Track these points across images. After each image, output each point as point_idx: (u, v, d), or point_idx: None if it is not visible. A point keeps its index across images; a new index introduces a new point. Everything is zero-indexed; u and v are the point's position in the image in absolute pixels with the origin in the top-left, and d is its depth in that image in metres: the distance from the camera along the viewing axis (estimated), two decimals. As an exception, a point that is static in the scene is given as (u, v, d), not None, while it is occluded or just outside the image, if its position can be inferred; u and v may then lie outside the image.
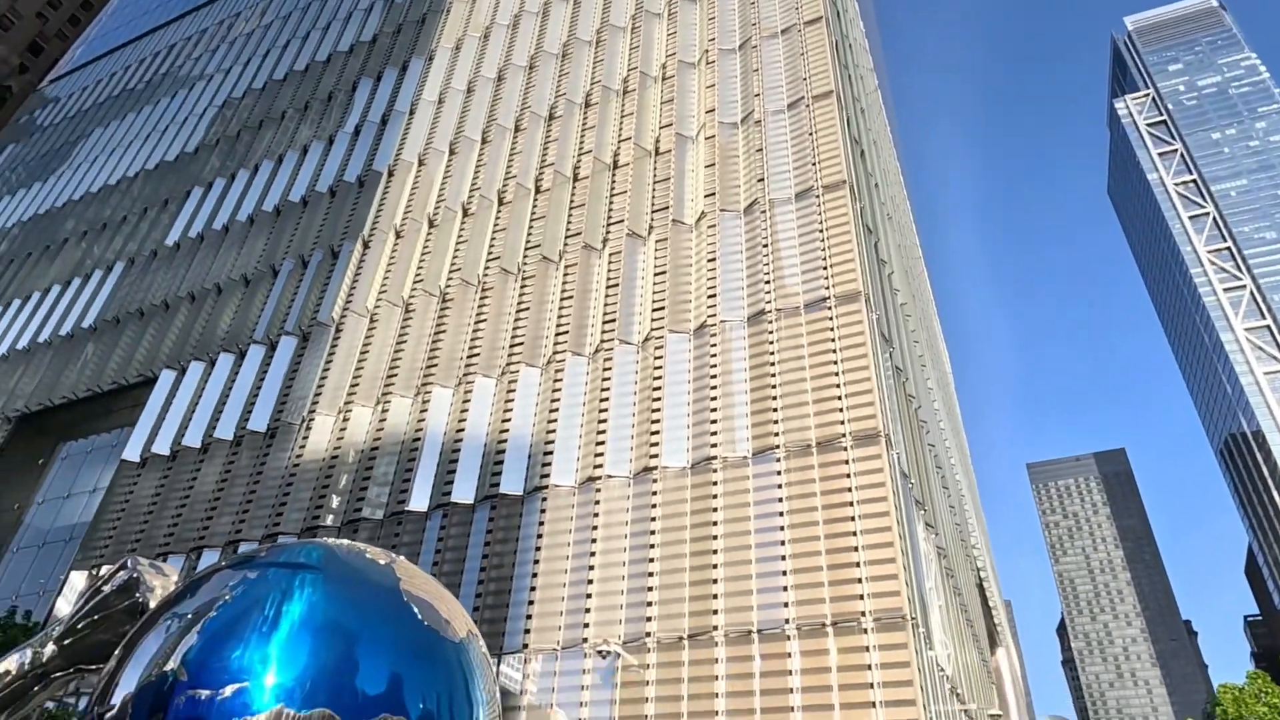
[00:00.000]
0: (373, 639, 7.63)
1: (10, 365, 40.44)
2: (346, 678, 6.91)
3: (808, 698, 17.15)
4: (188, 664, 6.85)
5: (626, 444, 22.87)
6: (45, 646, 8.62)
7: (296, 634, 7.18)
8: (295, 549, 7.99)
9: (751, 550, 19.53)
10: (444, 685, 7.27)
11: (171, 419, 31.75)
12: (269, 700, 6.65)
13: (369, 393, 28.35)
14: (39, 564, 32.49)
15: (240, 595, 7.60)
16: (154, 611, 7.86)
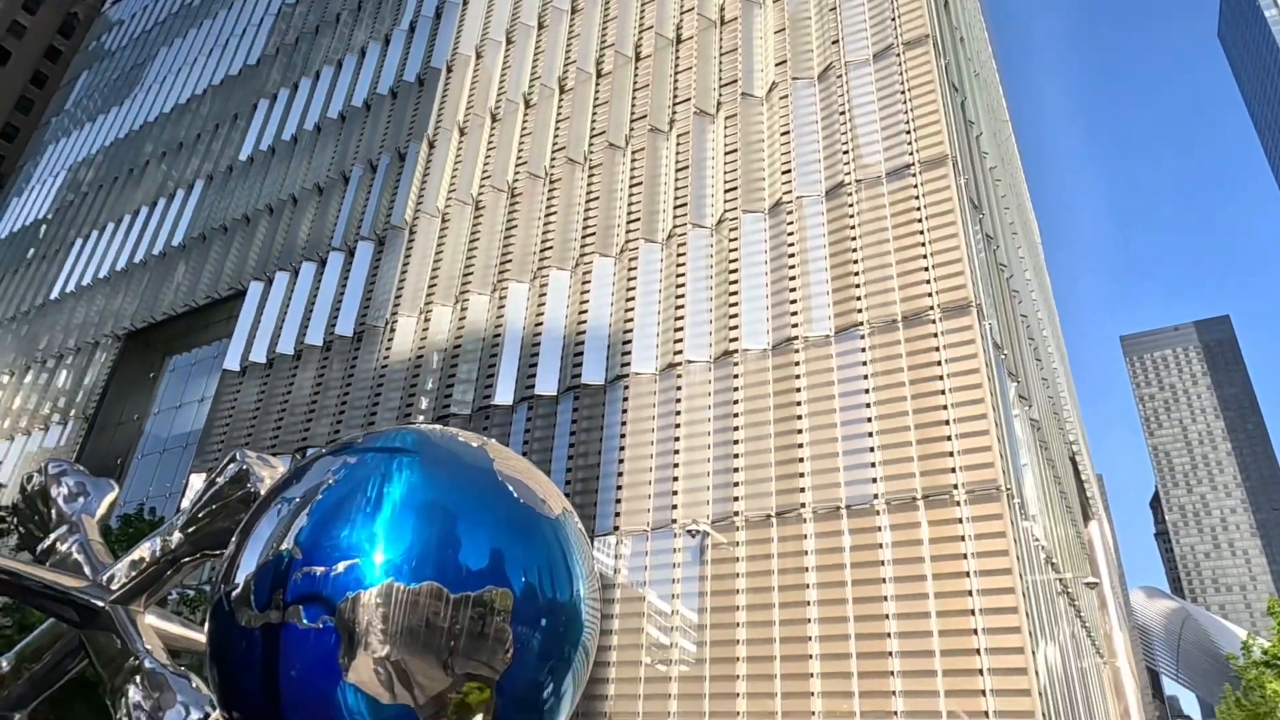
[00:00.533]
0: (472, 516, 7.52)
1: (112, 287, 42.50)
2: (450, 553, 6.83)
3: (899, 570, 17.18)
4: (301, 544, 6.86)
5: (705, 329, 22.60)
6: (172, 535, 8.93)
7: (399, 513, 7.10)
8: (391, 434, 7.90)
9: (837, 428, 19.29)
10: (543, 559, 7.11)
11: (264, 329, 33.00)
12: (379, 575, 6.60)
13: (447, 292, 28.69)
14: (161, 469, 34.98)
15: (343, 479, 7.54)
16: (264, 498, 7.92)
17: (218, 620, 8.02)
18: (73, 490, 11.35)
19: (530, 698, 7.87)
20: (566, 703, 8.16)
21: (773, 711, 17.19)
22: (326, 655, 7.18)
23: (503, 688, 7.60)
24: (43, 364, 42.02)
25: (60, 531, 10.76)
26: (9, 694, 9.97)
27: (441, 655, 7.32)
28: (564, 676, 8.04)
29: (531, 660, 7.71)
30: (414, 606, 7.30)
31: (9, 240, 54.02)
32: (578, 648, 8.22)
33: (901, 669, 16.30)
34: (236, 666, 7.70)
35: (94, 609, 9.64)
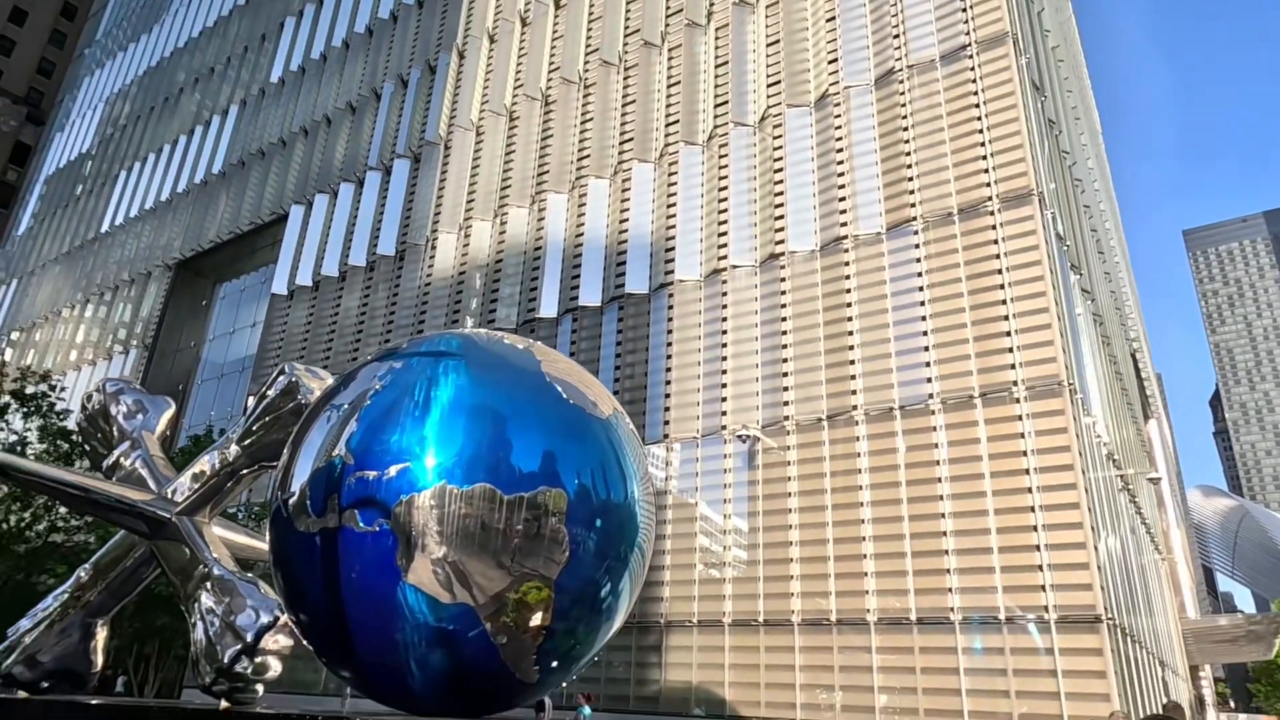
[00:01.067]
0: (522, 418, 7.33)
1: (159, 218, 42.97)
2: (501, 455, 6.66)
3: (955, 469, 16.88)
4: (352, 449, 6.75)
5: (750, 232, 21.92)
6: (229, 448, 8.95)
7: (448, 416, 6.93)
8: (436, 339, 7.71)
9: (889, 328, 18.73)
10: (595, 459, 6.88)
11: (308, 251, 33.13)
12: (432, 478, 6.47)
13: (486, 207, 28.28)
14: (221, 392, 36.00)
15: (390, 384, 7.40)
16: (314, 407, 7.83)
17: (277, 527, 8.01)
18: (131, 408, 11.49)
19: (588, 597, 7.76)
20: (624, 602, 8.04)
21: (826, 611, 17.33)
22: (384, 557, 7.14)
23: (561, 586, 7.51)
24: (100, 296, 43.09)
25: (123, 448, 10.95)
26: (91, 602, 10.34)
27: (498, 556, 7.21)
28: (621, 576, 7.88)
29: (588, 560, 7.56)
30: (468, 508, 7.17)
31: (57, 176, 54.77)
32: (634, 548, 8.02)
33: (958, 567, 16.19)
34: (299, 570, 7.70)
35: (161, 521, 9.85)
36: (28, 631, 9.98)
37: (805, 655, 17.29)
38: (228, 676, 8.83)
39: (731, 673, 18.03)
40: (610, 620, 8.40)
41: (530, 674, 7.96)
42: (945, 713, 15.44)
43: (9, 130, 73.39)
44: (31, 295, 48.42)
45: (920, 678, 15.91)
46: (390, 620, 7.44)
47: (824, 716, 16.61)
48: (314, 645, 8.38)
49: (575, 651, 8.12)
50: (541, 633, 7.81)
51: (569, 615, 7.98)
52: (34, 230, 52.81)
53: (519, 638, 7.64)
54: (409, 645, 7.46)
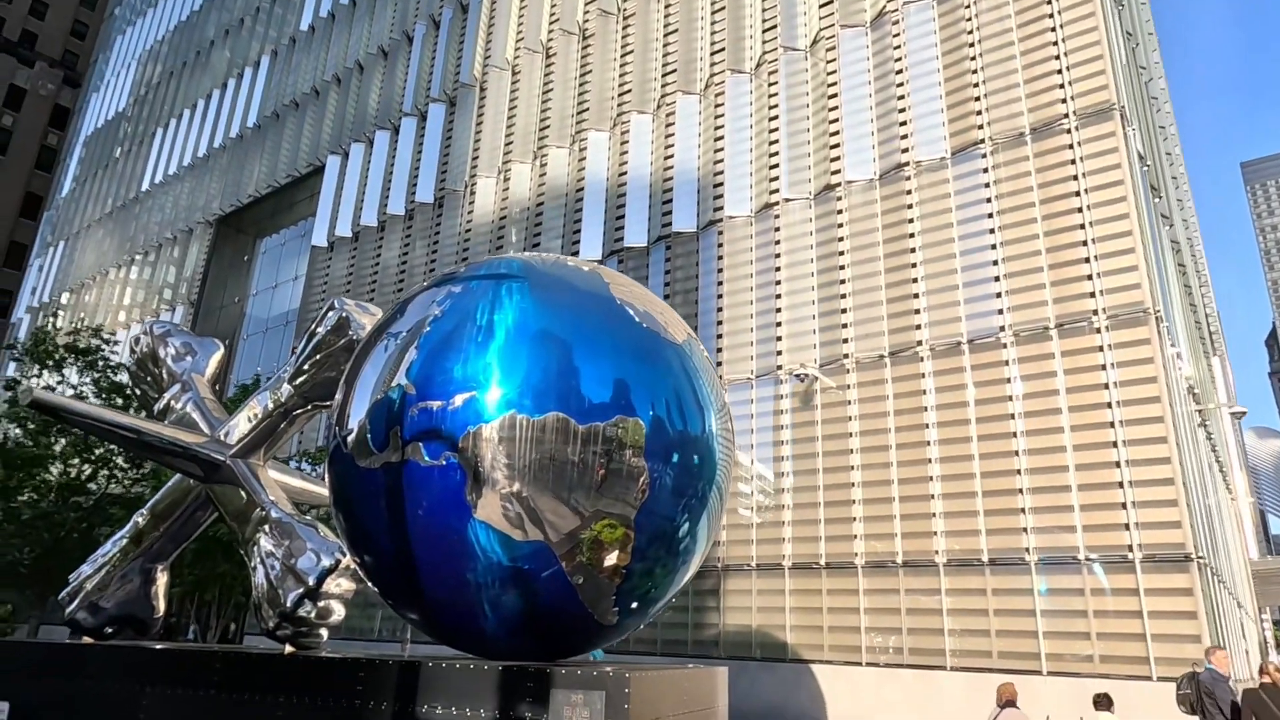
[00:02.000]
0: (592, 343, 6.27)
1: (197, 174, 42.88)
2: (572, 382, 5.62)
3: (1030, 405, 16.01)
4: (413, 379, 5.79)
5: (804, 162, 20.85)
6: (281, 388, 8.23)
7: (513, 342, 5.88)
8: (495, 261, 6.74)
9: (956, 259, 17.72)
10: (670, 388, 5.85)
11: (346, 202, 32.73)
12: (499, 407, 5.50)
13: (524, 148, 27.46)
14: (266, 347, 36.13)
15: (449, 310, 6.39)
16: (368, 338, 6.97)
17: (337, 466, 7.39)
18: (179, 350, 11.08)
19: (665, 536, 7.04)
20: (701, 544, 7.30)
21: (893, 552, 16.75)
22: (453, 492, 6.48)
23: (638, 525, 6.81)
24: (145, 255, 43.36)
25: (173, 391, 10.57)
26: (150, 547, 10.08)
27: (572, 491, 6.52)
28: (699, 516, 7.14)
29: (665, 497, 6.83)
30: (539, 440, 6.46)
31: (95, 138, 54.97)
32: (712, 485, 7.26)
33: (1033, 506, 15.44)
34: (361, 509, 7.11)
35: (215, 463, 9.44)
36: (89, 577, 9.81)
37: (870, 598, 16.79)
38: (291, 621, 8.53)
39: (793, 616, 17.63)
40: (687, 563, 7.86)
41: (609, 616, 7.48)
42: (1021, 655, 14.87)
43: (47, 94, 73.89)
44: (78, 257, 49.01)
45: (994, 620, 15.31)
46: (460, 559, 6.98)
47: (892, 660, 16.15)
48: (379, 587, 7.99)
49: (653, 594, 7.61)
50: (619, 573, 7.31)
51: (646, 555, 7.45)
52: (76, 192, 53.27)
53: (596, 578, 7.14)
54: (481, 586, 7.01)
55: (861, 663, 16.49)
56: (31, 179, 69.31)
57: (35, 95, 72.78)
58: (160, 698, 7.44)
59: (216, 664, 7.43)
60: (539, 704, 6.24)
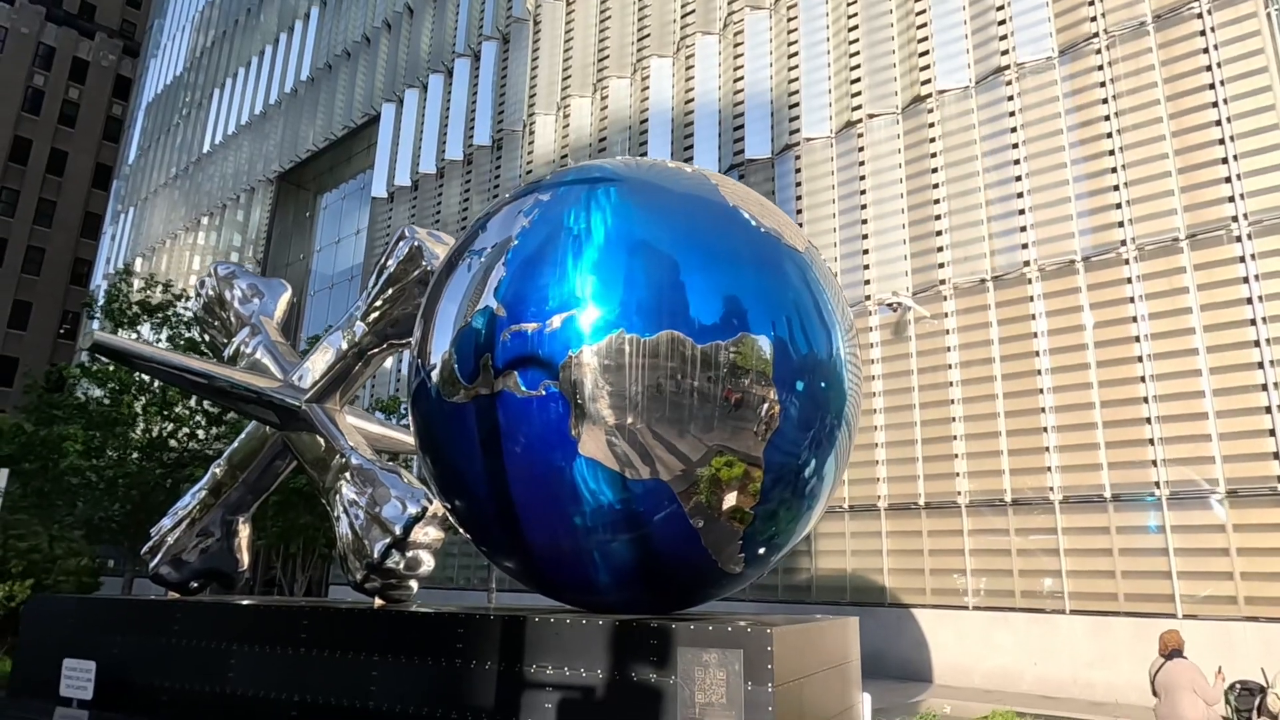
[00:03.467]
0: (705, 250, 4.78)
1: (254, 132, 42.77)
2: (686, 296, 5.69)
3: (1157, 325, 14.47)
4: (503, 300, 4.48)
5: (888, 74, 19.18)
6: (354, 327, 7.01)
7: (616, 252, 4.50)
8: (585, 166, 5.26)
9: (1066, 169, 16.04)
10: (793, 303, 4.42)
11: (403, 150, 32.08)
12: (603, 328, 4.23)
13: (583, 82, 26.22)
14: (333, 303, 36.11)
15: (539, 220, 4.95)
16: (448, 259, 5.56)
17: (422, 404, 6.34)
18: (246, 292, 10.39)
19: (789, 475, 5.76)
20: (828, 485, 6.01)
21: (1000, 490, 15.57)
22: (554, 426, 5.39)
23: (765, 461, 5.71)
24: (210, 217, 43.74)
25: (242, 335, 9.88)
26: (229, 498, 9.58)
27: (690, 422, 5.36)
28: (827, 454, 5.83)
29: (791, 431, 5.57)
30: (652, 364, 5.33)
31: (156, 104, 55.44)
32: (841, 420, 5.94)
33: (1163, 436, 14.03)
34: (451, 450, 6.05)
35: (291, 409, 8.76)
36: (169, 531, 9.43)
37: (975, 539, 15.71)
38: (379, 573, 7.95)
39: (890, 559, 16.68)
40: (813, 506, 6.91)
41: (734, 562, 6.64)
42: (1150, 596, 13.67)
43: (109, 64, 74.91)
44: (147, 222, 49.86)
45: (1118, 560, 14.10)
46: (564, 501, 6.17)
47: (1001, 603, 15.12)
48: (472, 534, 7.27)
49: (777, 540, 6.72)
50: (743, 516, 6.45)
51: (770, 496, 6.50)
52: (141, 160, 54.01)
53: (718, 521, 6.27)
54: (587, 530, 6.21)
55: (968, 606, 15.51)
56: (100, 149, 70.74)
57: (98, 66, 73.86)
58: (249, 655, 6.97)
59: (304, 620, 6.90)
60: (663, 664, 5.45)
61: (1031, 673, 14.52)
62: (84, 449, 16.64)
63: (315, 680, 6.86)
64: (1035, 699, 13.86)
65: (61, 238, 66.89)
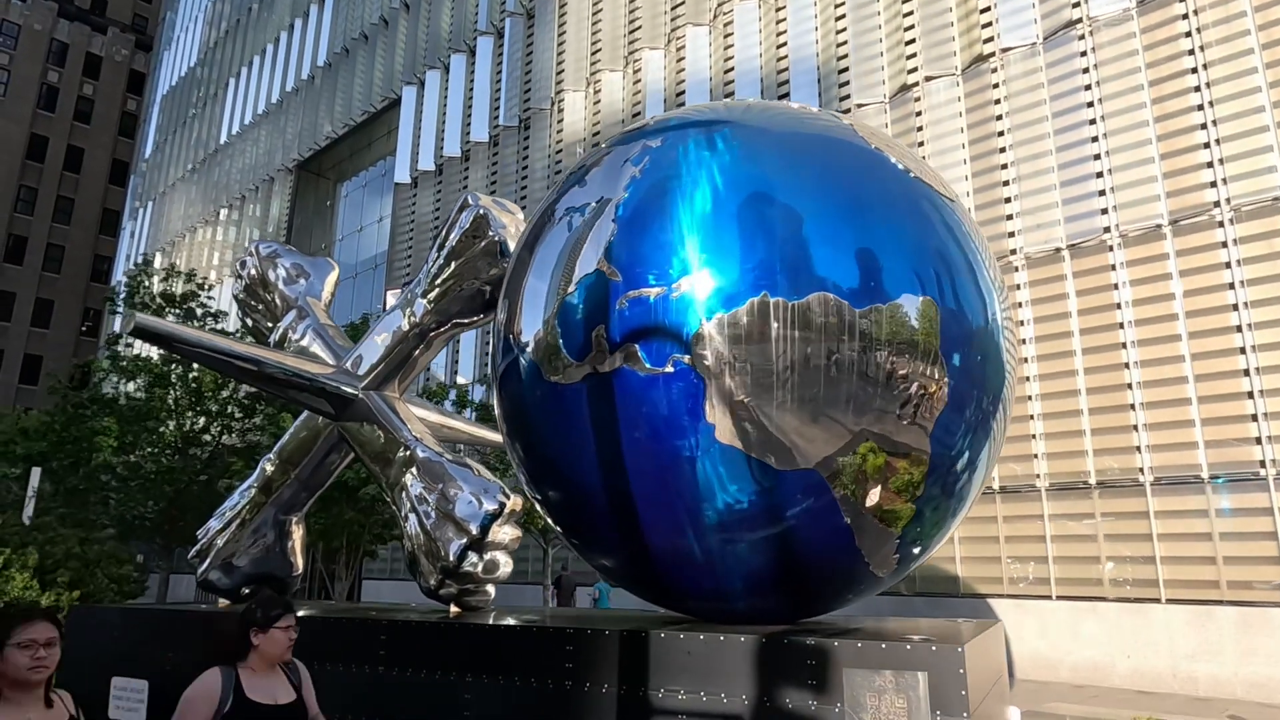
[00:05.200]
0: (852, 198, 5.26)
1: (271, 121, 42.08)
2: (834, 251, 4.57)
3: (1258, 291, 13.41)
4: (616, 262, 4.81)
5: (946, 33, 18.09)
6: (414, 305, 5.83)
7: (748, 201, 4.82)
8: (693, 109, 4.22)
9: (1149, 126, 14.95)
10: (950, 262, 4.82)
11: (426, 134, 31.25)
12: (741, 289, 4.52)
13: (614, 55, 25.23)
14: (357, 292, 35.45)
15: (652, 169, 5.21)
16: (537, 219, 4.56)
17: (512, 386, 5.31)
18: (291, 272, 9.43)
19: (943, 465, 4.78)
20: (980, 476, 4.96)
21: (1083, 472, 14.59)
22: (683, 406, 4.40)
23: (924, 452, 4.60)
24: (229, 209, 43.16)
25: (289, 319, 8.91)
26: (280, 496, 8.73)
27: (845, 401, 4.38)
28: (983, 442, 4.83)
29: (950, 415, 4.54)
30: (803, 332, 4.36)
31: (171, 96, 54.88)
32: (998, 401, 4.88)
33: (1267, 411, 13.01)
34: (551, 437, 5.05)
35: (346, 397, 7.82)
36: (218, 533, 8.65)
37: (1056, 524, 14.75)
38: (455, 577, 7.12)
39: (963, 547, 15.77)
40: (962, 504, 5.97)
41: (888, 564, 5.73)
42: (1256, 585, 12.69)
43: (122, 59, 74.48)
44: (166, 216, 49.38)
45: (1220, 545, 13.11)
46: (695, 494, 5.28)
47: (1089, 592, 14.18)
48: (570, 530, 6.42)
49: (926, 540, 5.82)
50: (900, 511, 5.60)
51: (929, 491, 5.61)
52: (158, 154, 53.52)
53: (872, 517, 5.42)
54: (722, 527, 5.30)
55: (1051, 596, 14.58)
56: (117, 145, 70.44)
57: (111, 62, 73.45)
58: (319, 675, 6.18)
59: (382, 634, 6.10)
60: (823, 688, 4.57)
61: (1125, 665, 13.60)
62: (118, 444, 16.01)
63: (395, 703, 6.04)
64: (1131, 694, 12.95)
65: (80, 235, 66.71)
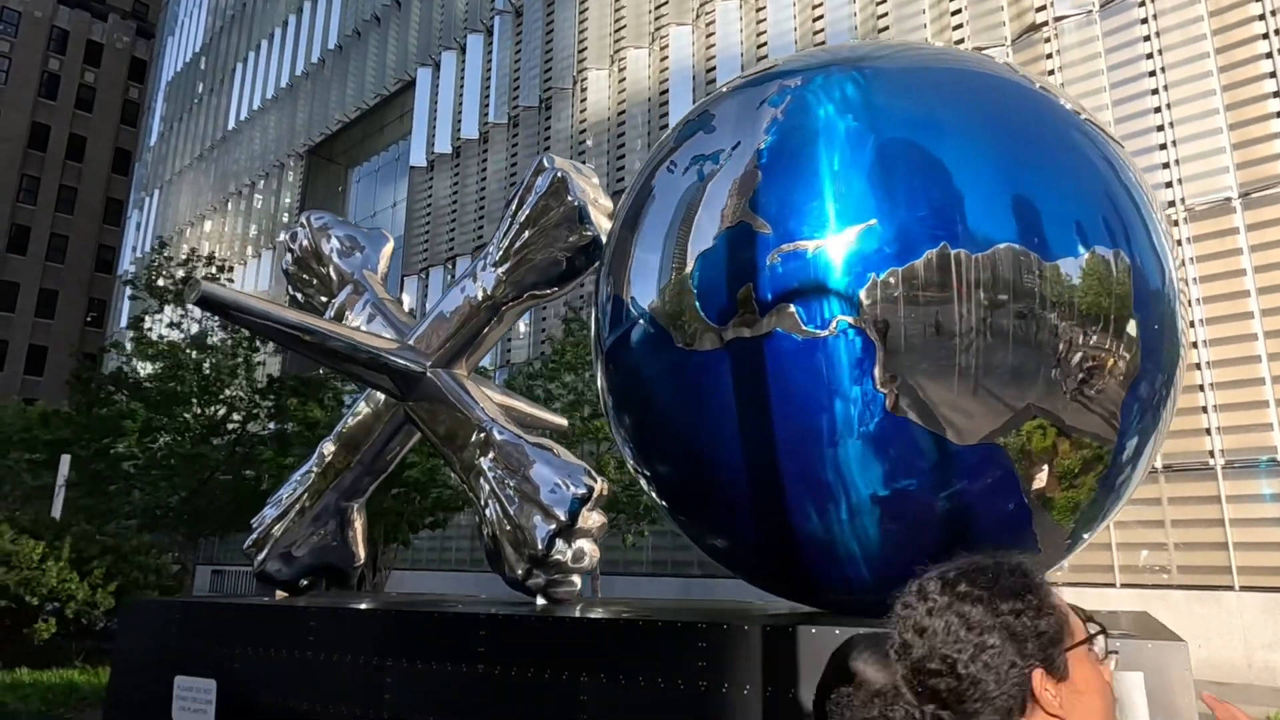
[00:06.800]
0: (1029, 139, 4.62)
1: (281, 106, 41.38)
2: (1018, 197, 4.17)
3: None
4: (765, 212, 4.36)
5: (995, 2, 17.45)
6: (485, 275, 5.06)
7: (918, 141, 4.37)
8: (824, 49, 3.43)
9: (1216, 96, 14.36)
10: (1129, 217, 4.46)
11: (443, 116, 30.61)
12: (917, 239, 4.09)
13: (639, 30, 24.57)
14: (374, 278, 34.83)
15: (796, 109, 4.76)
16: (650, 168, 3.86)
17: (624, 357, 4.74)
18: (345, 244, 8.73)
19: (1120, 445, 4.26)
20: (1142, 469, 4.38)
21: (1147, 455, 14.06)
22: (849, 374, 4.00)
23: (1102, 431, 4.11)
24: (239, 195, 42.53)
25: (345, 294, 8.16)
26: (341, 482, 8.17)
27: (1040, 368, 4.01)
28: (1153, 424, 4.37)
29: (1130, 390, 4.21)
30: (989, 291, 3.95)
31: (175, 83, 54.11)
32: (1171, 378, 4.45)
33: (1349, 390, 12.50)
34: (675, 409, 4.55)
35: (413, 375, 7.25)
36: (275, 522, 8.11)
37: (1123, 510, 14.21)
38: (544, 566, 6.65)
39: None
40: (1122, 495, 5.50)
41: (1058, 551, 5.28)
42: (1340, 571, 12.21)
43: (123, 47, 73.67)
44: (174, 204, 48.74)
45: (1298, 530, 12.63)
46: (858, 471, 4.77)
47: (1154, 580, 13.69)
48: (686, 510, 5.93)
49: (1088, 527, 5.31)
50: (1077, 493, 5.10)
51: (1110, 472, 5.14)
52: (163, 142, 52.80)
53: (1047, 499, 4.93)
54: (886, 508, 4.81)
55: (1115, 584, 14.09)
56: (119, 134, 69.72)
57: (112, 49, 72.63)
58: (410, 673, 5.68)
59: (481, 629, 5.57)
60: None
61: (1196, 655, 13.07)
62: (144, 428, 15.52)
63: (500, 704, 5.50)
64: (1205, 684, 12.46)
65: (84, 224, 66.11)
